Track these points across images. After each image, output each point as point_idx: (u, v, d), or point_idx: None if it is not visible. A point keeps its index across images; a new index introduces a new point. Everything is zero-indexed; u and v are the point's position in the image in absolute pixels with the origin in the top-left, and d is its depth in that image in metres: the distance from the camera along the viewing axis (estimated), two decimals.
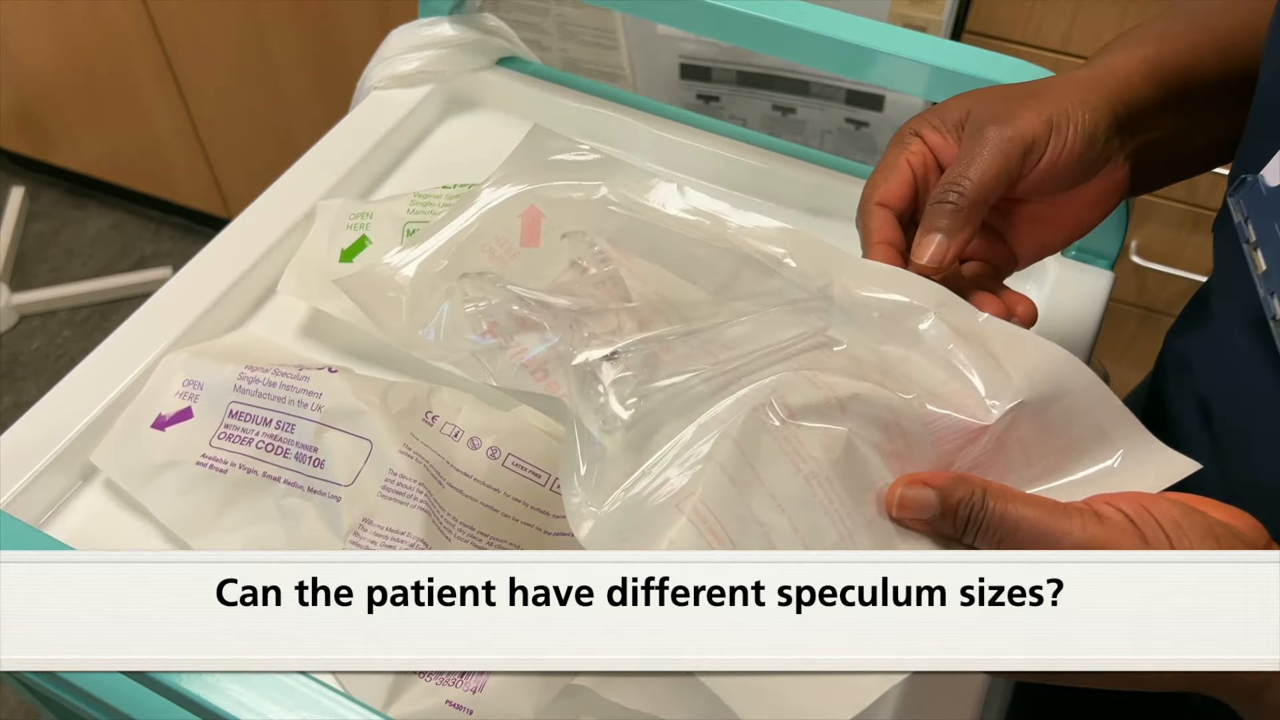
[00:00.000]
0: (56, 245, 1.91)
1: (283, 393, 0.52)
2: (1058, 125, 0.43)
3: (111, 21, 1.58)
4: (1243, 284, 0.45)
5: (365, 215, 0.60)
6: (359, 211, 0.61)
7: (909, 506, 0.38)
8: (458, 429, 0.52)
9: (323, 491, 0.50)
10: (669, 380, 0.40)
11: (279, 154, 0.67)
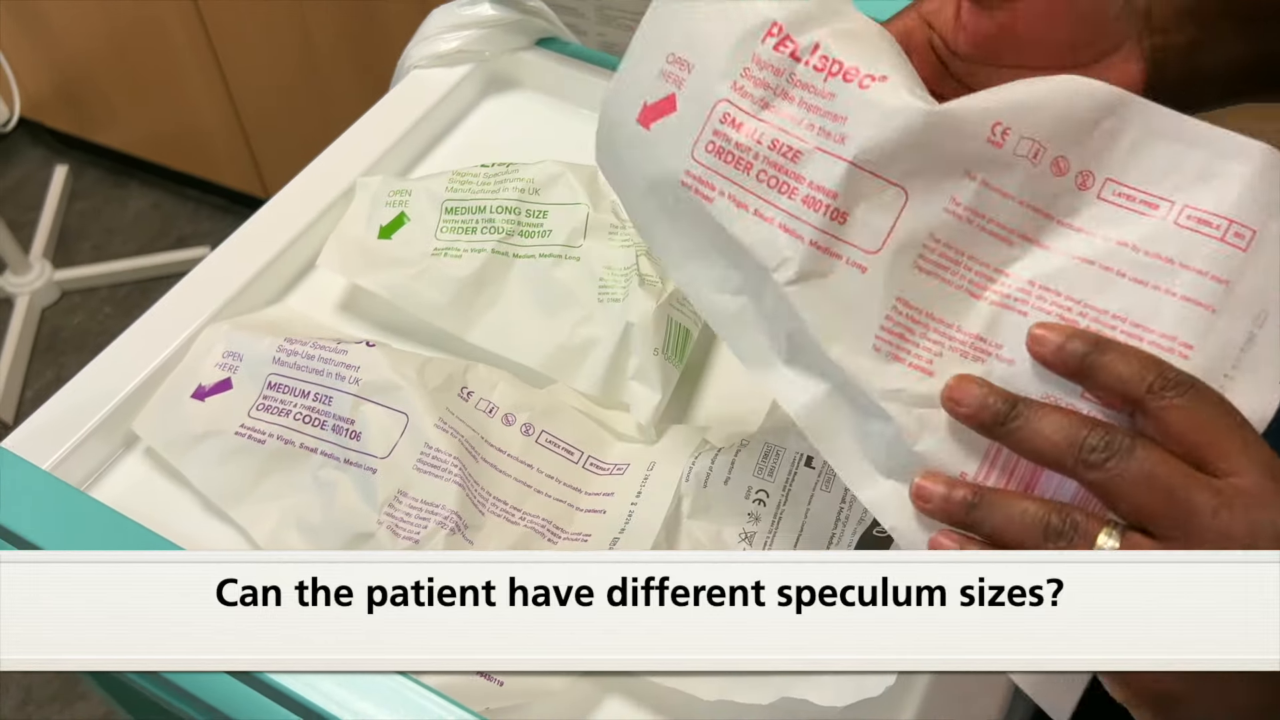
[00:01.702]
0: (98, 223, 1.94)
1: (321, 365, 0.53)
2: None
3: (154, 2, 1.60)
4: None
5: (404, 192, 0.61)
6: (398, 189, 0.61)
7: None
8: (493, 405, 0.53)
9: (359, 463, 0.50)
10: None
11: (318, 135, 0.68)
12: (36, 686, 1.39)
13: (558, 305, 0.57)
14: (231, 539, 0.51)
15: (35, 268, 1.78)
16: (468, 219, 0.59)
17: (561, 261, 0.57)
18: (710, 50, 0.38)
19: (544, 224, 0.58)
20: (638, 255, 0.57)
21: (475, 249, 0.58)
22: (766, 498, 0.49)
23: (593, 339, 0.56)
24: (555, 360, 0.56)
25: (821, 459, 0.49)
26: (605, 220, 0.58)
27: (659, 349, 0.55)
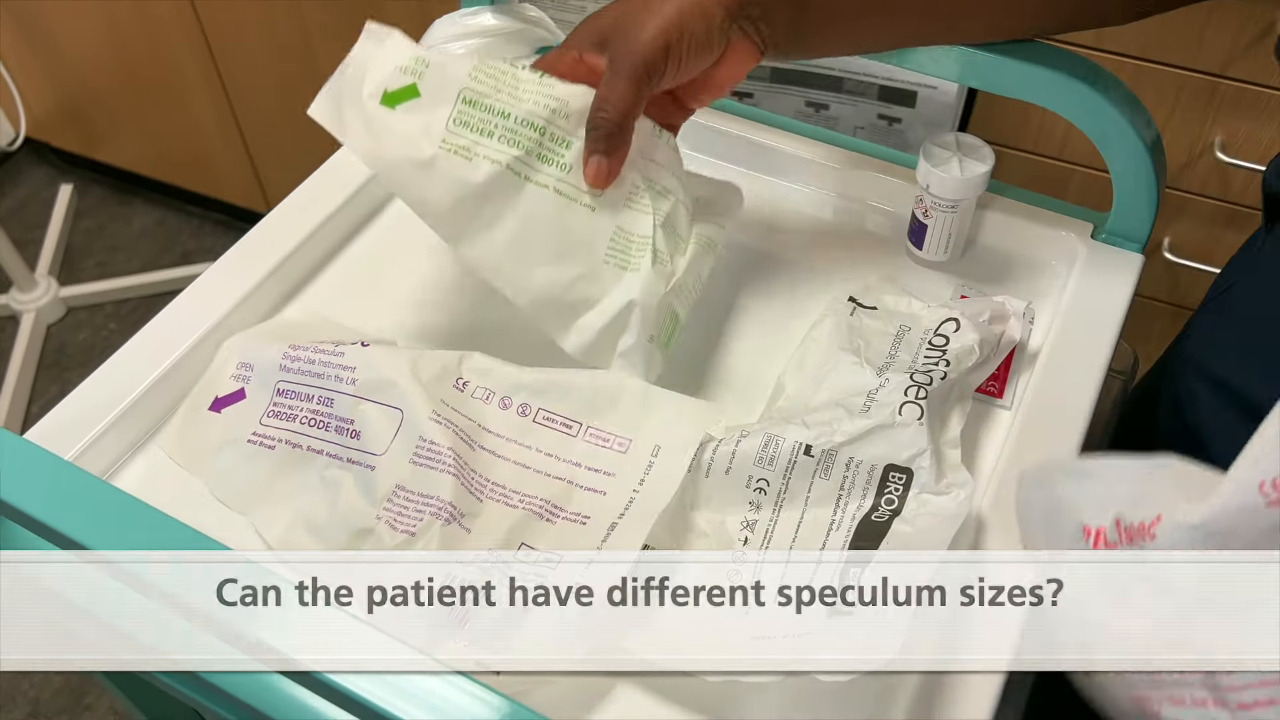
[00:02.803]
0: (103, 241, 1.95)
1: (321, 369, 0.54)
2: (674, 48, 0.51)
3: (158, 21, 1.61)
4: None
5: (422, 62, 0.53)
6: (417, 56, 0.53)
7: None
8: (489, 391, 0.54)
9: (359, 461, 0.51)
10: None
11: (320, 152, 0.69)
12: (44, 700, 1.39)
13: (562, 252, 0.53)
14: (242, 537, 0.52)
15: (41, 285, 1.79)
16: (486, 120, 0.52)
17: (573, 205, 0.53)
18: None
19: (566, 155, 0.53)
20: (655, 226, 0.54)
21: (490, 158, 0.52)
22: (767, 486, 0.50)
23: (589, 300, 0.53)
24: (544, 309, 0.53)
25: (820, 447, 0.50)
26: (629, 178, 0.55)
27: (654, 337, 0.54)
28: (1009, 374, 0.58)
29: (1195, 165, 1.14)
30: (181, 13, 1.57)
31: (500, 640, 0.45)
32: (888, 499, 0.49)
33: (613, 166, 0.53)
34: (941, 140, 0.61)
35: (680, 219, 0.56)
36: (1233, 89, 1.07)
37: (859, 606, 0.44)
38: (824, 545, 0.48)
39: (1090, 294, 0.60)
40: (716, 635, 0.46)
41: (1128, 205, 0.61)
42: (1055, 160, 1.20)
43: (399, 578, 0.47)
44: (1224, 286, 0.60)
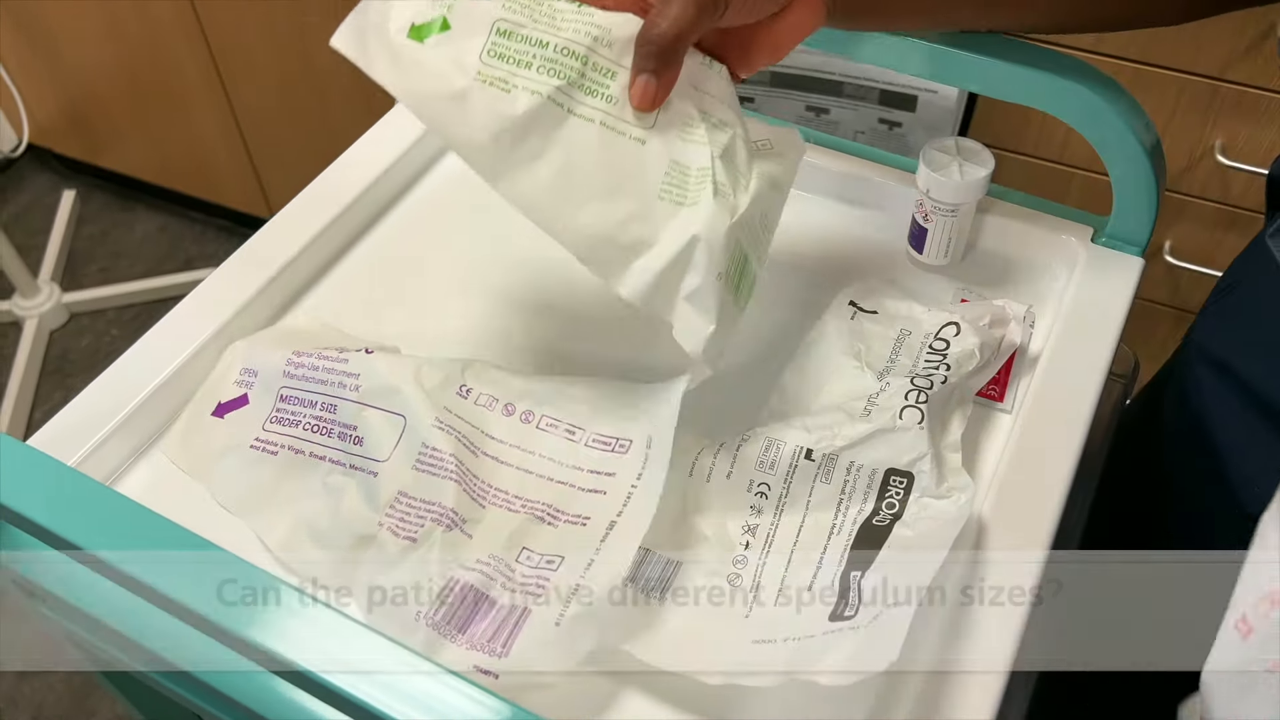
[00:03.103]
0: (105, 247, 1.96)
1: (325, 375, 0.54)
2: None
3: (160, 28, 1.62)
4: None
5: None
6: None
7: None
8: (492, 398, 0.54)
9: (362, 468, 0.51)
10: None
11: (322, 157, 0.69)
12: (48, 705, 1.40)
13: (611, 189, 0.48)
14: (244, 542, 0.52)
15: (44, 291, 1.80)
16: (522, 51, 0.48)
17: (621, 139, 0.48)
18: None
19: (611, 87, 0.48)
20: (714, 157, 0.49)
21: (530, 88, 0.47)
22: (768, 490, 0.50)
23: (645, 240, 0.47)
24: (597, 251, 0.47)
25: (821, 451, 0.50)
26: (679, 108, 0.49)
27: (723, 274, 0.48)
28: (1009, 378, 0.58)
29: (1196, 168, 1.14)
30: (183, 19, 1.58)
31: (500, 643, 0.45)
32: (889, 503, 0.49)
33: (661, 89, 0.48)
34: (941, 145, 0.61)
35: (739, 154, 0.50)
36: (1233, 92, 1.07)
37: (860, 610, 0.44)
38: (825, 549, 0.48)
39: (1091, 297, 0.60)
40: (717, 639, 0.46)
41: (1128, 209, 0.62)
42: (1056, 164, 1.20)
43: (400, 582, 0.47)
44: (1231, 280, 0.60)
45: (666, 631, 0.46)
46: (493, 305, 0.63)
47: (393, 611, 0.47)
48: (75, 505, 0.39)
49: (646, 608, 0.48)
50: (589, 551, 0.48)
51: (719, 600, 0.48)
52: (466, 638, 0.46)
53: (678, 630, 0.47)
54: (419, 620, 0.46)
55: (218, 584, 0.36)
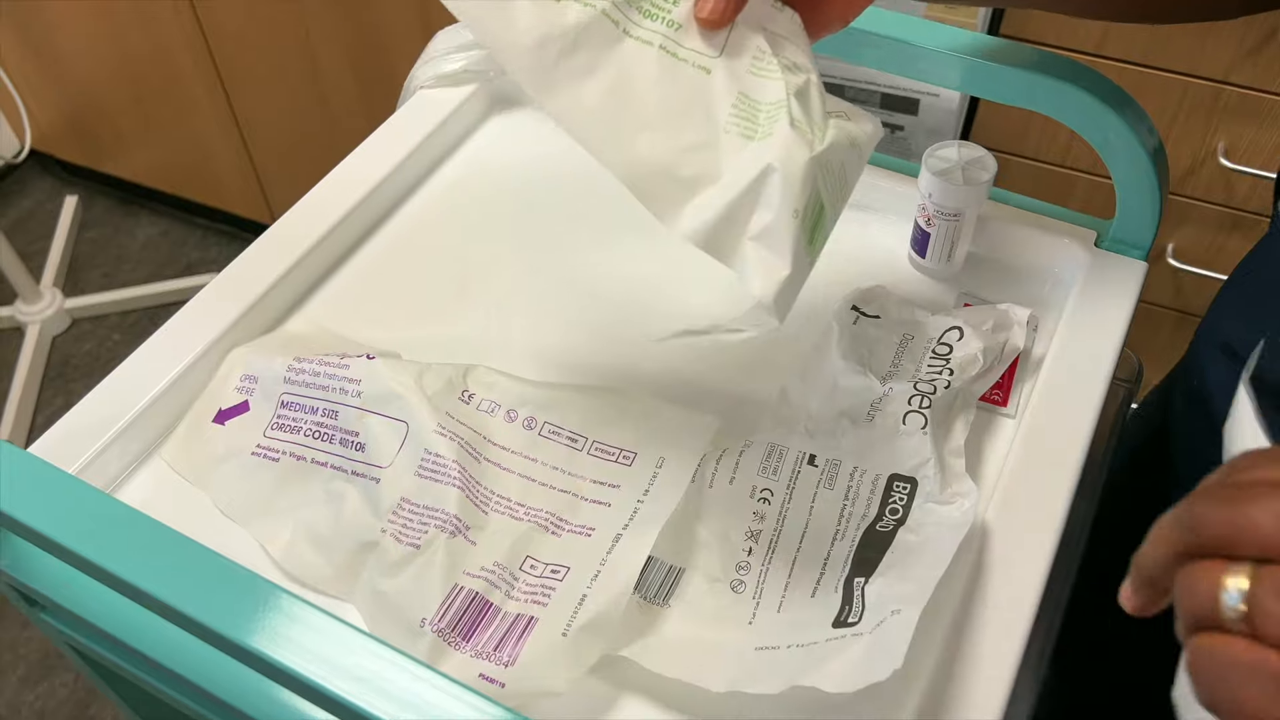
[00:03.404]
0: (107, 252, 1.96)
1: (327, 381, 0.54)
2: None
3: (162, 34, 1.62)
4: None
5: None
6: None
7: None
8: (494, 404, 0.54)
9: (364, 474, 0.51)
10: None
11: (324, 161, 0.69)
12: (50, 711, 1.40)
13: (671, 116, 0.42)
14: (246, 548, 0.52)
15: (46, 296, 1.80)
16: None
17: (684, 66, 0.43)
18: None
19: (673, 11, 0.44)
20: (790, 94, 0.43)
21: (583, 1, 0.43)
22: (771, 496, 0.50)
23: (707, 175, 0.42)
24: (650, 185, 0.41)
25: (824, 457, 0.50)
26: (751, 42, 0.44)
27: (799, 212, 0.41)
28: (1013, 382, 0.58)
29: (1199, 171, 1.14)
30: (185, 24, 1.58)
31: (506, 653, 0.45)
32: (892, 508, 0.49)
33: (733, 4, 0.42)
34: (943, 149, 0.61)
35: (814, 99, 0.44)
36: (1235, 95, 1.07)
37: (864, 617, 0.44)
38: (828, 555, 0.48)
39: (1094, 302, 0.60)
40: (720, 645, 0.46)
41: (1131, 213, 0.61)
42: (1058, 167, 1.20)
43: (403, 589, 0.47)
44: (1247, 268, 0.60)
45: (669, 638, 0.46)
46: (495, 310, 0.63)
47: (396, 619, 0.47)
48: (75, 513, 0.39)
49: (649, 614, 0.47)
50: (595, 563, 0.48)
51: (722, 607, 0.48)
52: (471, 646, 0.46)
53: (681, 637, 0.46)
54: (423, 627, 0.46)
55: (218, 591, 0.36)
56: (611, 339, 0.61)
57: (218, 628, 0.35)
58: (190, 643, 0.38)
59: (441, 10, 1.35)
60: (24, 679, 1.42)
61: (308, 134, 1.65)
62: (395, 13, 1.41)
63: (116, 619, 0.46)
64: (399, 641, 0.46)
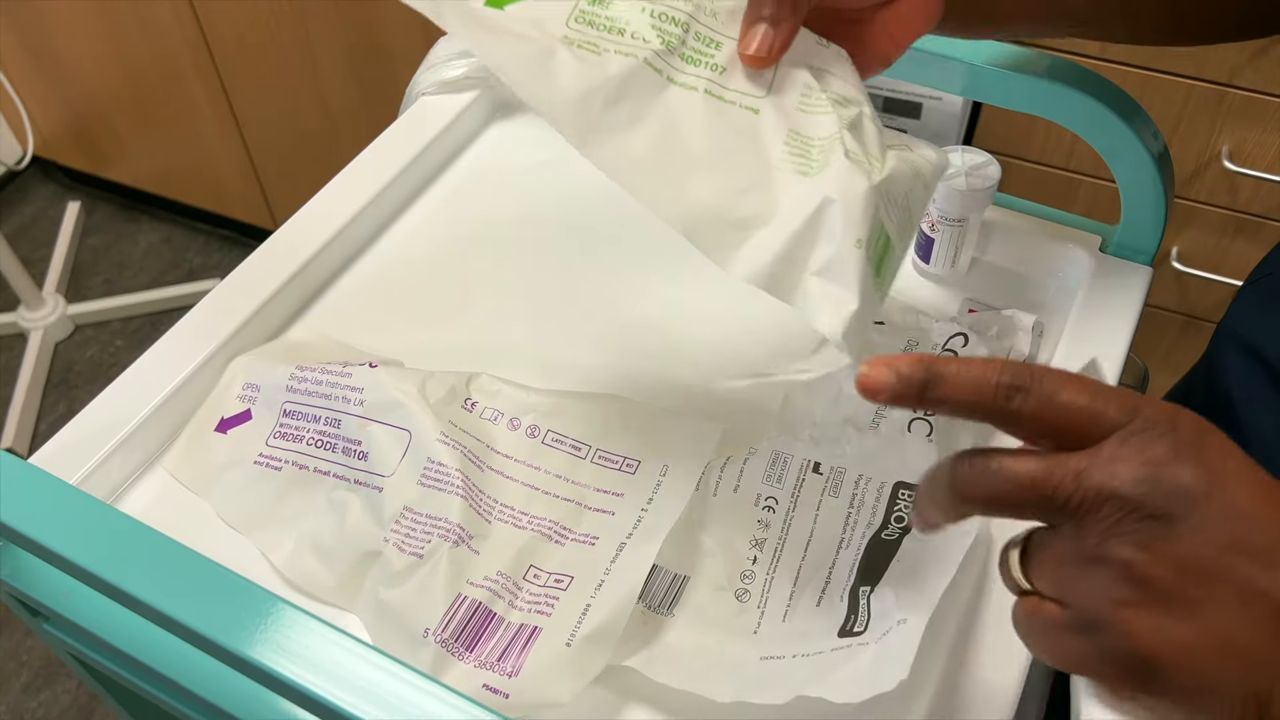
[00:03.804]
0: (109, 258, 1.96)
1: (329, 390, 0.54)
2: None
3: (164, 40, 1.62)
4: None
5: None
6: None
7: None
8: (498, 412, 0.54)
9: (366, 483, 0.51)
10: None
11: (326, 166, 0.69)
12: (52, 718, 1.39)
13: (721, 157, 0.41)
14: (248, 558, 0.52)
15: (48, 303, 1.80)
16: (615, 18, 0.43)
17: (731, 109, 0.42)
18: None
19: (717, 56, 0.43)
20: (842, 127, 0.42)
21: (622, 51, 0.42)
22: (776, 504, 0.50)
23: (762, 215, 0.40)
24: (704, 230, 0.40)
25: (829, 464, 0.50)
26: (799, 78, 0.43)
27: (863, 242, 0.40)
28: None
29: (1203, 174, 1.13)
30: (187, 31, 1.58)
31: (510, 663, 0.45)
32: (897, 516, 0.49)
33: (779, 39, 0.41)
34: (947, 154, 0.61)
35: (869, 133, 0.43)
36: (1240, 98, 1.06)
37: (869, 626, 0.44)
38: (833, 564, 0.48)
39: (1099, 308, 0.60)
40: (725, 655, 0.45)
41: (1136, 218, 0.61)
42: (1062, 170, 1.19)
43: (406, 598, 0.47)
44: (1269, 268, 0.60)
45: (674, 648, 0.46)
46: (498, 318, 0.62)
47: (399, 629, 0.46)
48: (76, 524, 0.39)
49: (653, 624, 0.47)
50: (599, 572, 0.47)
51: (727, 616, 0.47)
52: (474, 656, 0.45)
53: (685, 647, 0.46)
54: (426, 638, 0.45)
55: (218, 602, 0.36)
56: (614, 347, 0.60)
57: (217, 639, 0.35)
58: (192, 653, 0.38)
59: None
60: (27, 686, 1.42)
61: (309, 139, 1.65)
62: (397, 18, 1.41)
63: (118, 629, 0.46)
64: (402, 652, 0.46)
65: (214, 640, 0.35)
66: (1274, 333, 0.53)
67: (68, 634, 0.50)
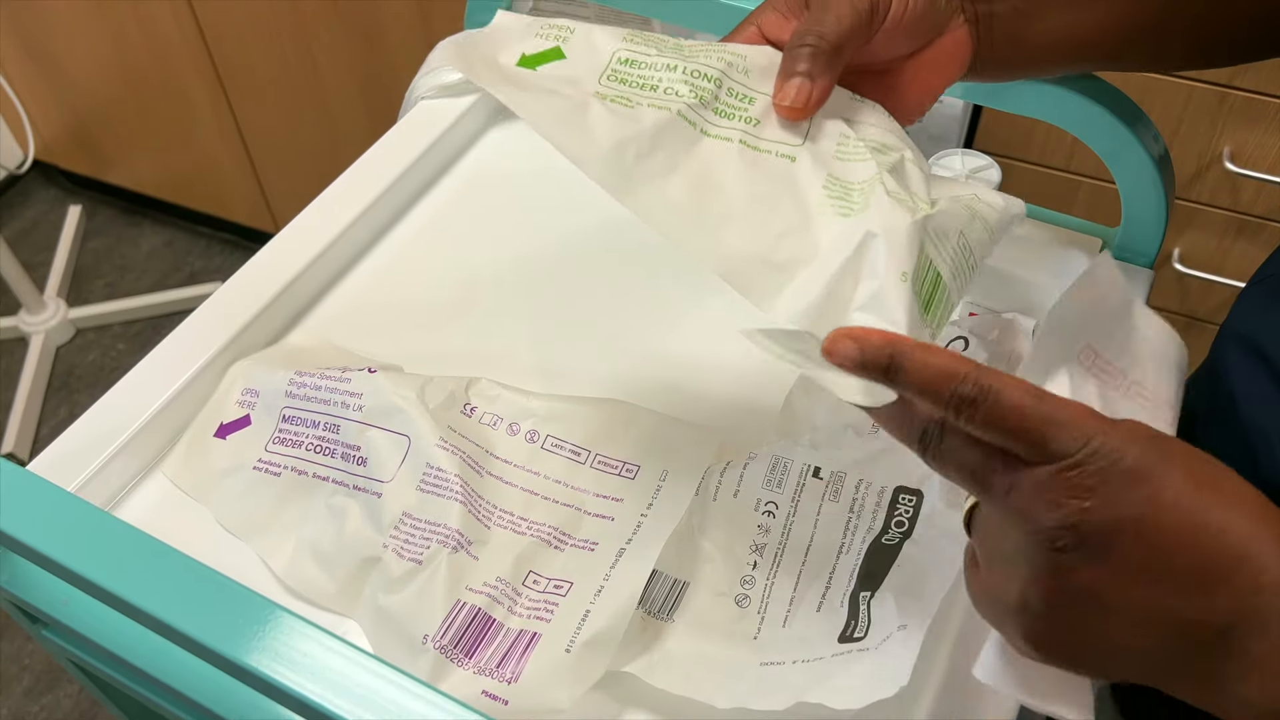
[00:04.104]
0: (111, 262, 1.96)
1: (328, 395, 0.54)
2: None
3: (165, 44, 1.62)
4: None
5: (566, 29, 0.45)
6: (559, 24, 0.45)
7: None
8: (497, 417, 0.54)
9: (366, 489, 0.51)
10: None
11: (326, 170, 0.69)
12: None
13: (760, 203, 0.41)
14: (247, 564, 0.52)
15: (50, 307, 1.80)
16: (648, 75, 0.43)
17: (770, 157, 0.42)
18: None
19: (750, 109, 0.43)
20: (881, 170, 0.42)
21: (655, 104, 0.42)
22: (776, 509, 0.50)
23: (803, 257, 0.40)
24: (745, 273, 0.40)
25: (829, 469, 0.50)
26: (834, 128, 0.44)
27: (909, 275, 0.39)
28: None
29: (1204, 176, 1.13)
30: (187, 34, 1.58)
31: (509, 669, 0.45)
32: (898, 521, 0.49)
33: (817, 92, 0.42)
34: (947, 158, 0.61)
35: (913, 177, 0.43)
36: (1240, 99, 1.06)
37: (869, 632, 0.44)
38: (834, 569, 0.48)
39: None
40: (725, 661, 0.45)
41: (1136, 221, 0.61)
42: (1062, 172, 1.19)
43: (405, 604, 0.47)
44: (1269, 271, 0.60)
45: (674, 654, 0.46)
46: (497, 322, 0.62)
47: (398, 635, 0.46)
48: (74, 531, 0.38)
49: (653, 629, 0.47)
50: (598, 578, 0.47)
51: (727, 621, 0.47)
52: (474, 662, 0.45)
53: (685, 653, 0.46)
54: (425, 644, 0.45)
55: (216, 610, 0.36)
56: (613, 351, 0.60)
57: (215, 646, 0.35)
58: (191, 660, 0.38)
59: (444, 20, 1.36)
60: (29, 691, 1.42)
61: (310, 142, 1.65)
62: (397, 22, 1.41)
63: (117, 636, 0.46)
64: (401, 658, 0.46)
65: (212, 648, 0.35)
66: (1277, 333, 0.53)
67: (67, 641, 0.50)
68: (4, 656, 1.45)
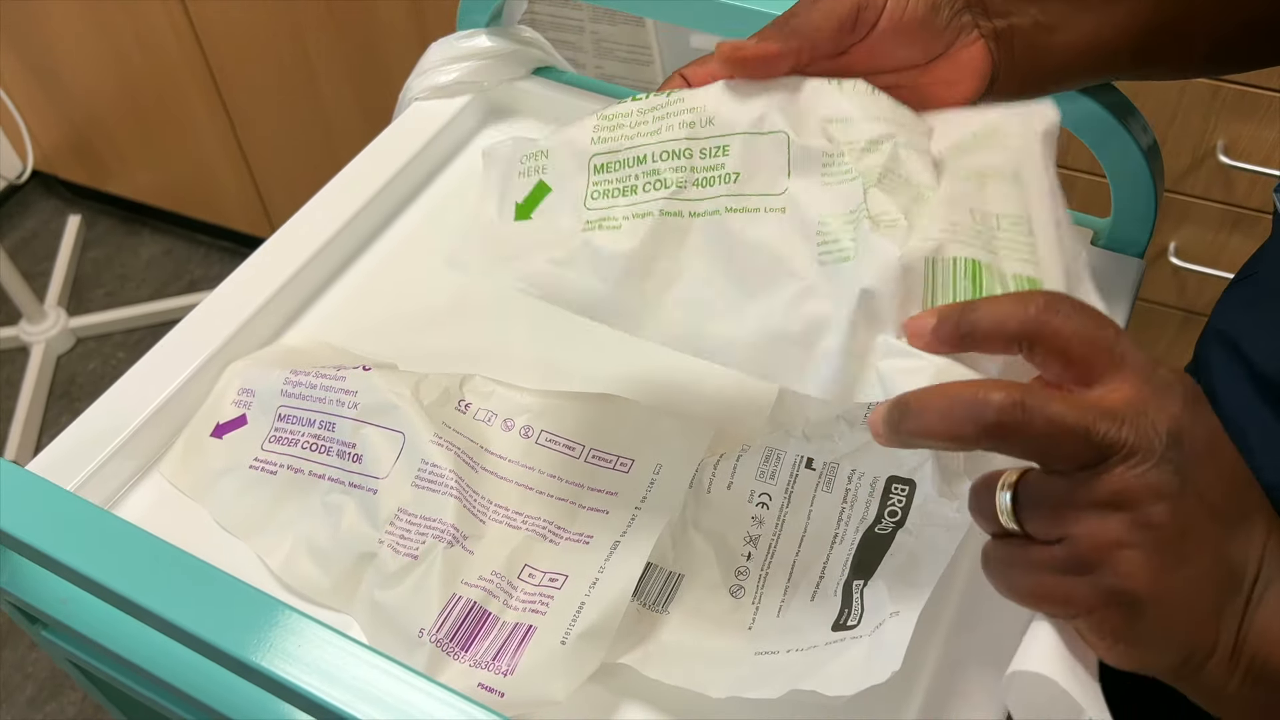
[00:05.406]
0: (111, 271, 1.97)
1: (323, 394, 0.54)
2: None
3: (162, 53, 1.63)
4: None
5: (541, 155, 0.46)
6: (533, 151, 0.46)
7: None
8: (491, 413, 0.54)
9: (361, 485, 0.51)
10: None
11: (324, 176, 0.69)
12: None
13: (763, 277, 0.42)
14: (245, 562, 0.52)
15: (50, 316, 1.80)
16: (625, 176, 0.44)
17: (759, 215, 0.42)
18: None
19: (726, 164, 0.43)
20: (865, 189, 0.41)
21: (638, 212, 0.43)
22: (769, 501, 0.50)
23: (820, 320, 0.41)
24: (771, 356, 0.41)
25: (822, 460, 0.50)
26: (815, 146, 0.43)
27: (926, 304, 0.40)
28: None
29: (1199, 169, 1.13)
30: (183, 43, 1.59)
31: (505, 662, 0.45)
32: (890, 510, 0.49)
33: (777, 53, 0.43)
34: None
35: (909, 162, 0.43)
36: (1234, 92, 1.06)
37: (862, 620, 0.44)
38: (827, 559, 0.48)
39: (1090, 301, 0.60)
40: (720, 651, 0.46)
41: (1126, 212, 0.61)
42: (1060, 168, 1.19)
43: (402, 599, 0.47)
44: (1249, 271, 0.60)
45: (669, 645, 0.46)
46: (491, 319, 0.63)
47: (395, 629, 0.47)
48: (74, 530, 0.39)
49: (648, 621, 0.47)
50: (593, 571, 0.47)
51: (721, 613, 0.47)
52: (470, 655, 0.45)
53: (680, 644, 0.46)
54: (422, 638, 0.46)
55: (216, 606, 0.36)
56: (607, 347, 0.61)
57: (216, 642, 0.35)
58: (189, 657, 0.38)
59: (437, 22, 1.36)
60: (32, 699, 1.42)
61: (308, 149, 1.65)
62: (392, 26, 1.41)
63: (117, 635, 0.46)
64: (398, 652, 0.46)
65: (211, 643, 0.35)
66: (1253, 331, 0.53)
67: (66, 641, 0.50)
68: (7, 665, 1.45)
